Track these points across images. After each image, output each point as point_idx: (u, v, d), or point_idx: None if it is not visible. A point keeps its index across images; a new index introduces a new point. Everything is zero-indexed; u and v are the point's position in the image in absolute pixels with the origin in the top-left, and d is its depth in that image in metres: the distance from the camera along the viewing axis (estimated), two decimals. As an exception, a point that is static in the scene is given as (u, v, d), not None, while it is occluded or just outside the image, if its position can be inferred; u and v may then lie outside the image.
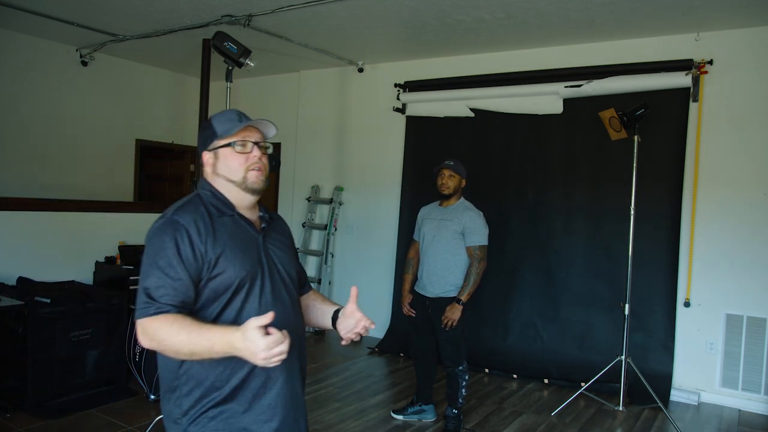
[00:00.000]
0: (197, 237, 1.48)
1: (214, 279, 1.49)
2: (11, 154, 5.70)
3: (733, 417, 4.27)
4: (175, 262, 1.45)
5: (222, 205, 1.59)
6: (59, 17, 5.09)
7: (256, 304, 1.53)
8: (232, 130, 1.58)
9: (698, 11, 4.16)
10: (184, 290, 1.45)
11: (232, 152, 1.59)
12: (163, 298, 1.43)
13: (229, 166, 1.59)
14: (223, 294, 1.50)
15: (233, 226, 1.58)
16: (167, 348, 1.42)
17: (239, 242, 1.55)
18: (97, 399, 3.97)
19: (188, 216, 1.52)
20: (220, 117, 1.64)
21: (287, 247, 1.72)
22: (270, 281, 1.58)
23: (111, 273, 4.78)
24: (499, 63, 5.45)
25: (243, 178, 1.59)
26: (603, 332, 4.83)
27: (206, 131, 1.65)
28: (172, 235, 1.48)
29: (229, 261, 1.50)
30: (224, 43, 3.11)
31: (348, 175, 6.45)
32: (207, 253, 1.48)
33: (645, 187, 4.55)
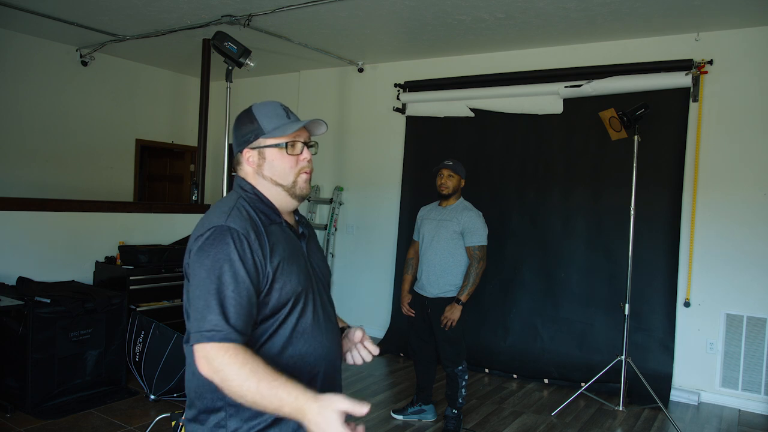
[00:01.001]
0: (257, 246, 1.34)
1: (273, 294, 1.36)
2: (11, 154, 5.70)
3: (733, 417, 4.27)
4: (241, 276, 1.29)
5: (270, 211, 1.45)
6: (59, 17, 5.09)
7: (311, 320, 1.42)
8: (285, 130, 1.43)
9: (698, 11, 4.16)
10: (252, 310, 1.31)
11: (282, 154, 1.44)
12: (233, 320, 1.26)
13: (277, 168, 1.45)
14: (281, 310, 1.37)
15: (282, 234, 1.44)
16: (230, 388, 1.23)
17: (291, 252, 1.42)
18: (97, 399, 3.97)
19: (244, 222, 1.36)
20: (265, 111, 1.47)
21: (322, 255, 1.62)
22: (318, 294, 1.47)
23: (111, 273, 4.77)
24: (499, 63, 5.45)
25: (293, 183, 1.46)
26: (603, 332, 4.83)
27: (248, 125, 1.46)
28: (233, 245, 1.31)
29: (286, 274, 1.38)
30: (224, 43, 3.11)
31: (348, 175, 6.44)
32: (266, 265, 1.35)
33: (645, 187, 4.55)
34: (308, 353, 1.41)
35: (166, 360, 3.87)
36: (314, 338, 1.42)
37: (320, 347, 1.43)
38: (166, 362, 3.87)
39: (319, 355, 1.43)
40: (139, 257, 4.73)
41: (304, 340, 1.41)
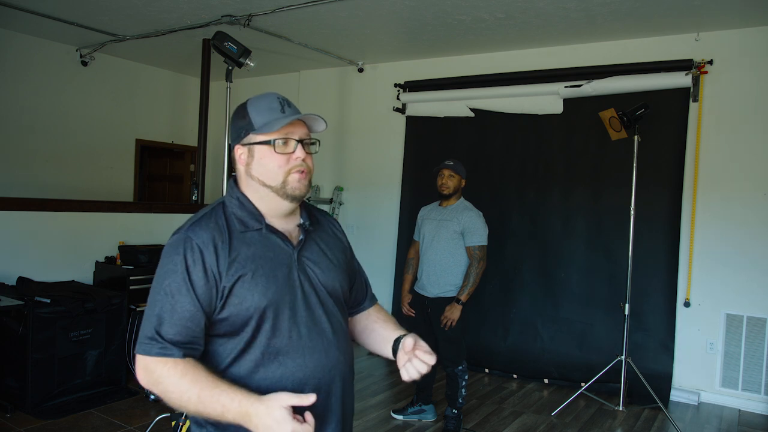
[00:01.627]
0: (212, 258, 1.25)
1: (228, 309, 1.26)
2: (11, 154, 5.70)
3: (733, 417, 4.27)
4: (185, 289, 1.23)
5: (248, 216, 1.34)
6: (59, 17, 5.09)
7: (285, 340, 1.29)
8: (273, 126, 1.32)
9: (698, 11, 4.16)
10: (193, 325, 1.24)
11: (271, 151, 1.33)
12: (171, 334, 1.22)
13: (265, 168, 1.33)
14: (243, 329, 1.27)
15: (260, 242, 1.32)
16: (170, 400, 1.21)
17: (265, 263, 1.30)
18: (97, 399, 3.97)
19: (204, 232, 1.28)
20: (258, 104, 1.37)
21: (333, 259, 1.44)
22: (305, 308, 1.33)
23: (111, 273, 4.77)
24: (499, 63, 5.45)
25: (282, 183, 1.33)
26: (603, 332, 4.83)
27: (240, 120, 1.37)
28: (183, 255, 1.25)
29: (248, 288, 1.26)
30: (224, 43, 3.11)
31: (348, 175, 6.44)
32: (221, 279, 1.25)
33: (645, 187, 4.55)
34: (284, 377, 1.28)
35: (166, 360, 3.86)
36: (293, 360, 1.29)
37: (301, 369, 1.30)
38: (166, 362, 3.86)
39: (300, 378, 1.29)
40: (139, 257, 4.73)
41: (279, 362, 1.28)
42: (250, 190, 1.37)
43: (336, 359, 1.36)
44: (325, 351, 1.34)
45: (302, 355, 1.30)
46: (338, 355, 1.37)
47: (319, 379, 1.32)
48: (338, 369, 1.37)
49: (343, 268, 1.47)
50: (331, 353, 1.35)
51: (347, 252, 1.53)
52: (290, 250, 1.36)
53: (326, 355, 1.34)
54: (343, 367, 1.39)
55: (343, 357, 1.39)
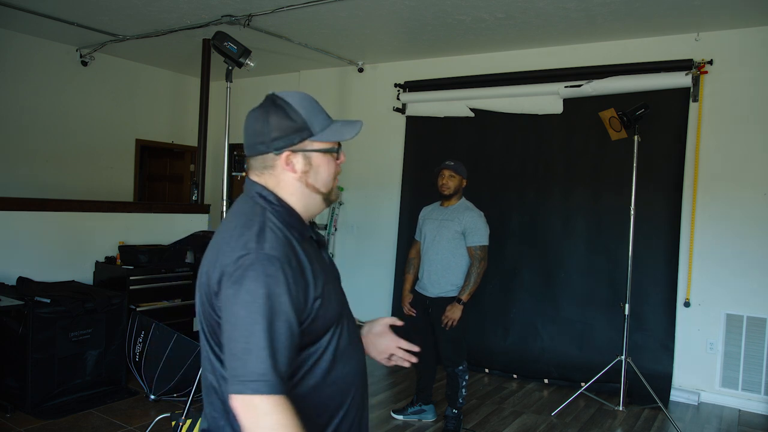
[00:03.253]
0: (298, 274, 1.16)
1: (318, 322, 1.20)
2: (11, 154, 5.70)
3: (733, 417, 4.27)
4: (289, 313, 1.12)
5: (301, 225, 1.26)
6: (59, 17, 5.08)
7: (347, 340, 1.30)
8: (342, 135, 1.25)
9: (698, 11, 4.16)
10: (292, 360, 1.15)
11: (329, 160, 1.26)
12: (281, 367, 1.10)
13: (323, 176, 1.26)
14: (323, 336, 1.24)
15: (312, 249, 1.27)
16: None
17: (322, 270, 1.26)
18: (97, 399, 3.97)
19: (282, 246, 1.16)
20: (307, 106, 1.25)
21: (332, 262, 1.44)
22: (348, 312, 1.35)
23: (111, 273, 4.77)
24: (499, 63, 5.45)
25: (331, 190, 1.31)
26: (603, 332, 4.83)
27: (287, 121, 1.22)
28: (275, 276, 1.12)
29: (329, 296, 1.23)
30: (224, 43, 3.11)
31: (348, 175, 6.44)
32: (309, 294, 1.18)
33: (645, 187, 4.55)
34: (350, 372, 1.31)
35: (166, 360, 3.86)
36: (353, 355, 1.32)
37: (358, 362, 1.34)
38: (166, 362, 3.87)
39: (354, 374, 1.32)
40: (139, 257, 4.73)
41: (346, 359, 1.29)
42: (294, 198, 1.26)
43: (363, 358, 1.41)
44: (361, 348, 1.40)
45: (355, 351, 1.34)
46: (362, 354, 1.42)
47: (363, 374, 1.38)
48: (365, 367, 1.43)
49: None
50: (361, 352, 1.40)
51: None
52: (323, 253, 1.35)
53: (362, 352, 1.41)
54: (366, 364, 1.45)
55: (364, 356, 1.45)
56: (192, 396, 2.97)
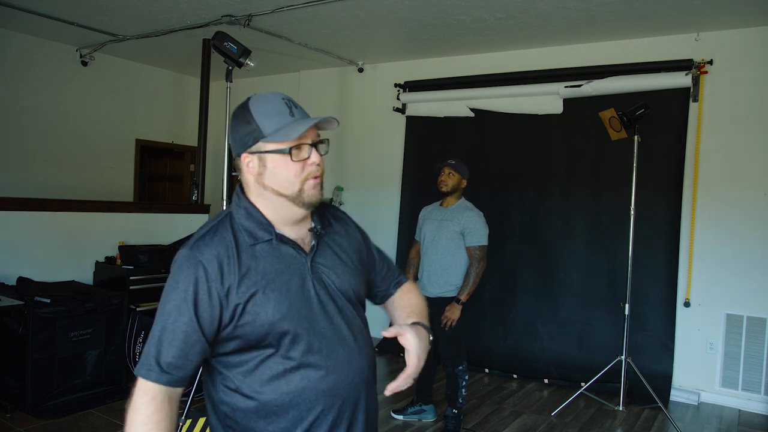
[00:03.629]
0: (217, 277, 1.20)
1: (244, 328, 1.21)
2: (11, 154, 5.70)
3: (733, 417, 4.27)
4: (184, 309, 1.20)
5: (257, 227, 1.27)
6: (59, 17, 5.09)
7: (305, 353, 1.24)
8: (288, 134, 1.22)
9: (698, 11, 4.16)
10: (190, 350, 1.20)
11: (286, 160, 1.24)
12: (161, 363, 1.19)
13: (280, 177, 1.25)
14: (259, 345, 1.23)
15: (271, 254, 1.26)
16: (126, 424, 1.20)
17: (277, 276, 1.24)
18: (97, 399, 3.97)
19: (209, 249, 1.22)
20: (263, 107, 1.26)
21: (348, 262, 1.37)
22: (324, 318, 1.27)
23: (111, 273, 4.77)
24: (499, 63, 5.45)
25: (299, 191, 1.26)
26: (603, 332, 4.83)
27: (244, 126, 1.26)
28: (186, 274, 1.21)
29: (261, 304, 1.21)
30: (224, 43, 3.11)
31: (348, 175, 6.44)
32: (230, 299, 1.20)
33: (645, 187, 4.55)
34: (307, 389, 1.25)
35: (166, 360, 3.86)
36: (316, 371, 1.25)
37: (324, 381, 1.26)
38: (166, 362, 3.86)
39: (324, 390, 1.26)
40: (139, 257, 4.73)
41: (301, 375, 1.24)
42: (261, 200, 1.29)
43: (359, 367, 1.31)
44: (347, 360, 1.29)
45: (324, 366, 1.26)
46: (361, 362, 1.32)
47: (344, 389, 1.28)
48: (362, 377, 1.32)
49: (359, 269, 1.40)
50: (354, 362, 1.30)
51: (362, 248, 1.45)
52: (303, 258, 1.29)
53: (349, 365, 1.29)
54: (367, 373, 1.34)
55: (366, 363, 1.34)
56: (192, 396, 2.97)
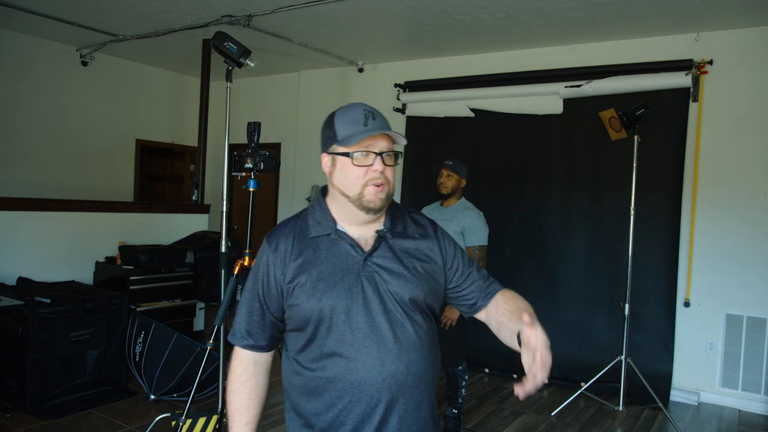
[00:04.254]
0: (279, 262, 1.38)
1: (291, 309, 1.37)
2: (11, 154, 5.70)
3: (733, 417, 4.27)
4: (259, 285, 1.41)
5: (323, 222, 1.41)
6: (59, 17, 5.09)
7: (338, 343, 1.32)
8: (354, 139, 1.34)
9: (698, 11, 4.16)
10: (265, 320, 1.42)
11: (350, 163, 1.35)
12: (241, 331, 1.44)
13: (345, 178, 1.36)
14: (305, 327, 1.36)
15: (327, 248, 1.38)
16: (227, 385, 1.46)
17: (327, 267, 1.35)
18: (97, 399, 3.97)
19: (280, 236, 1.42)
20: (344, 116, 1.39)
21: (411, 269, 1.40)
22: (365, 314, 1.33)
23: (111, 273, 4.77)
24: (499, 63, 5.45)
25: (359, 195, 1.35)
26: (603, 332, 4.83)
27: (327, 130, 1.41)
28: (260, 258, 1.43)
29: (306, 291, 1.34)
30: (224, 43, 3.10)
31: (348, 175, 6.44)
32: (285, 282, 1.37)
33: (645, 187, 4.55)
34: (337, 377, 1.33)
35: (166, 360, 3.86)
36: (345, 362, 1.32)
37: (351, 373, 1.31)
38: (166, 362, 3.87)
39: (351, 381, 1.32)
40: (139, 257, 4.73)
41: (333, 362, 1.33)
42: (331, 198, 1.43)
43: (395, 369, 1.32)
44: (380, 359, 1.32)
45: (354, 359, 1.32)
46: (398, 365, 1.32)
47: (373, 386, 1.31)
48: (397, 379, 1.32)
49: (424, 277, 1.41)
50: (388, 362, 1.32)
51: (440, 256, 1.46)
52: (359, 256, 1.37)
53: (382, 364, 1.32)
54: (406, 378, 1.33)
55: (406, 368, 1.33)
56: (192, 396, 2.97)
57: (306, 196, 6.67)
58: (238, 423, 1.42)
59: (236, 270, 3.09)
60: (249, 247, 3.18)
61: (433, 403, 1.43)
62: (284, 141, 6.92)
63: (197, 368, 3.17)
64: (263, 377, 1.46)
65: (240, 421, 1.42)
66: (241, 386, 1.43)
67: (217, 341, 3.02)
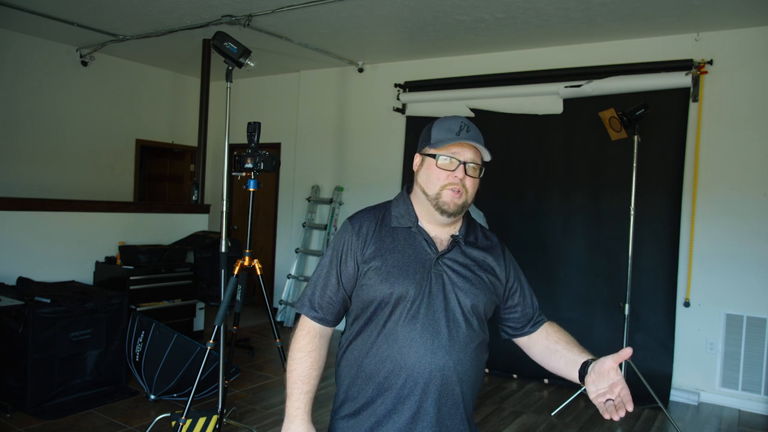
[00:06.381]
0: (359, 243, 1.47)
1: (360, 290, 1.45)
2: (11, 154, 5.70)
3: (733, 417, 4.27)
4: (335, 263, 1.48)
5: (405, 215, 1.51)
6: (59, 17, 5.09)
7: (398, 326, 1.40)
8: (443, 143, 1.45)
9: (698, 11, 4.16)
10: (333, 297, 1.48)
11: (435, 165, 1.46)
12: (317, 299, 1.49)
13: (427, 178, 1.47)
14: (367, 308, 1.44)
15: (405, 239, 1.47)
16: (289, 352, 1.50)
17: (402, 257, 1.44)
18: (97, 399, 3.97)
19: (363, 220, 1.51)
20: (442, 123, 1.51)
21: (474, 277, 1.48)
22: (427, 307, 1.40)
23: (111, 273, 4.78)
24: (499, 63, 5.45)
25: (436, 195, 1.45)
26: (603, 332, 4.83)
27: (425, 133, 1.54)
28: (341, 236, 1.50)
29: (380, 274, 1.42)
30: (224, 43, 3.10)
31: (348, 175, 6.45)
32: (362, 262, 1.45)
33: (645, 187, 4.55)
34: (389, 357, 1.40)
35: (166, 360, 3.86)
36: (399, 346, 1.39)
37: (403, 357, 1.38)
38: (166, 362, 3.87)
39: (400, 364, 1.39)
40: (139, 257, 4.73)
41: (388, 344, 1.40)
42: (414, 195, 1.53)
43: (443, 363, 1.39)
44: (432, 351, 1.38)
45: (408, 345, 1.39)
46: (447, 360, 1.39)
47: (418, 374, 1.38)
48: (443, 373, 1.39)
49: (484, 286, 1.49)
50: (439, 355, 1.39)
51: (500, 274, 1.55)
52: (432, 254, 1.45)
53: (432, 355, 1.38)
54: (451, 375, 1.40)
55: (453, 365, 1.40)
56: (192, 396, 2.97)
57: (306, 196, 6.67)
58: (299, 390, 1.45)
59: (236, 270, 3.09)
60: (249, 247, 3.18)
61: (470, 406, 1.49)
62: (284, 141, 6.92)
63: (197, 368, 3.17)
64: (325, 351, 1.51)
65: (301, 388, 1.45)
66: (306, 356, 1.46)
67: (217, 341, 3.02)
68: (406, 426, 1.39)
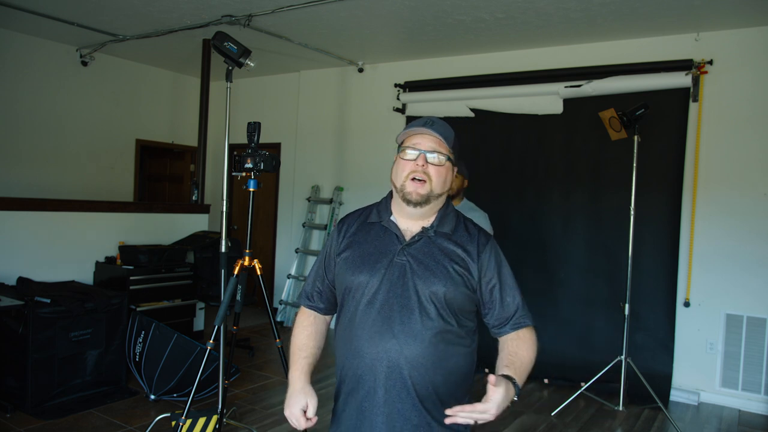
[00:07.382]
0: (339, 239, 1.62)
1: (336, 279, 1.60)
2: (11, 154, 5.70)
3: (733, 417, 4.27)
4: (322, 261, 1.66)
5: (383, 210, 1.61)
6: (59, 17, 5.09)
7: (358, 314, 1.50)
8: (401, 137, 1.57)
9: (698, 11, 4.16)
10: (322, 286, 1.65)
11: (400, 158, 1.55)
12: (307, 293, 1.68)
13: (396, 171, 1.55)
14: (342, 296, 1.58)
15: (377, 232, 1.57)
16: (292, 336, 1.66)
17: (369, 248, 1.54)
18: (97, 399, 3.97)
19: (349, 218, 1.65)
20: (411, 123, 1.60)
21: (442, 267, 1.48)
22: (384, 295, 1.47)
23: (111, 273, 4.78)
24: (499, 63, 5.45)
25: (401, 186, 1.52)
26: (603, 332, 4.83)
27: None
28: (332, 235, 1.67)
29: (347, 264, 1.55)
30: (224, 43, 3.10)
31: (348, 175, 6.45)
32: (336, 253, 1.60)
33: (645, 187, 4.55)
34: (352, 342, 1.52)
35: (166, 360, 3.86)
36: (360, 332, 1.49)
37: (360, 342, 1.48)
38: (166, 362, 3.87)
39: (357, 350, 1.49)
40: (139, 257, 4.73)
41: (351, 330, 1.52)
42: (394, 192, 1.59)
43: (389, 347, 1.45)
44: (380, 334, 1.46)
45: (362, 329, 1.49)
46: (394, 344, 1.44)
47: (367, 355, 1.48)
48: (388, 356, 1.45)
49: (453, 278, 1.48)
50: (386, 339, 1.46)
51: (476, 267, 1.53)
52: (399, 245, 1.53)
53: (380, 338, 1.46)
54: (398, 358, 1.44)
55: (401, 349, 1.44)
56: (192, 396, 2.97)
57: (306, 195, 6.67)
58: (298, 356, 1.58)
59: (236, 270, 3.09)
60: (249, 247, 3.18)
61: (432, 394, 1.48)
62: (284, 141, 6.92)
63: (197, 368, 3.17)
64: (322, 327, 1.67)
65: (299, 354, 1.58)
66: (303, 329, 1.63)
67: (217, 341, 3.02)
68: (360, 404, 1.50)
